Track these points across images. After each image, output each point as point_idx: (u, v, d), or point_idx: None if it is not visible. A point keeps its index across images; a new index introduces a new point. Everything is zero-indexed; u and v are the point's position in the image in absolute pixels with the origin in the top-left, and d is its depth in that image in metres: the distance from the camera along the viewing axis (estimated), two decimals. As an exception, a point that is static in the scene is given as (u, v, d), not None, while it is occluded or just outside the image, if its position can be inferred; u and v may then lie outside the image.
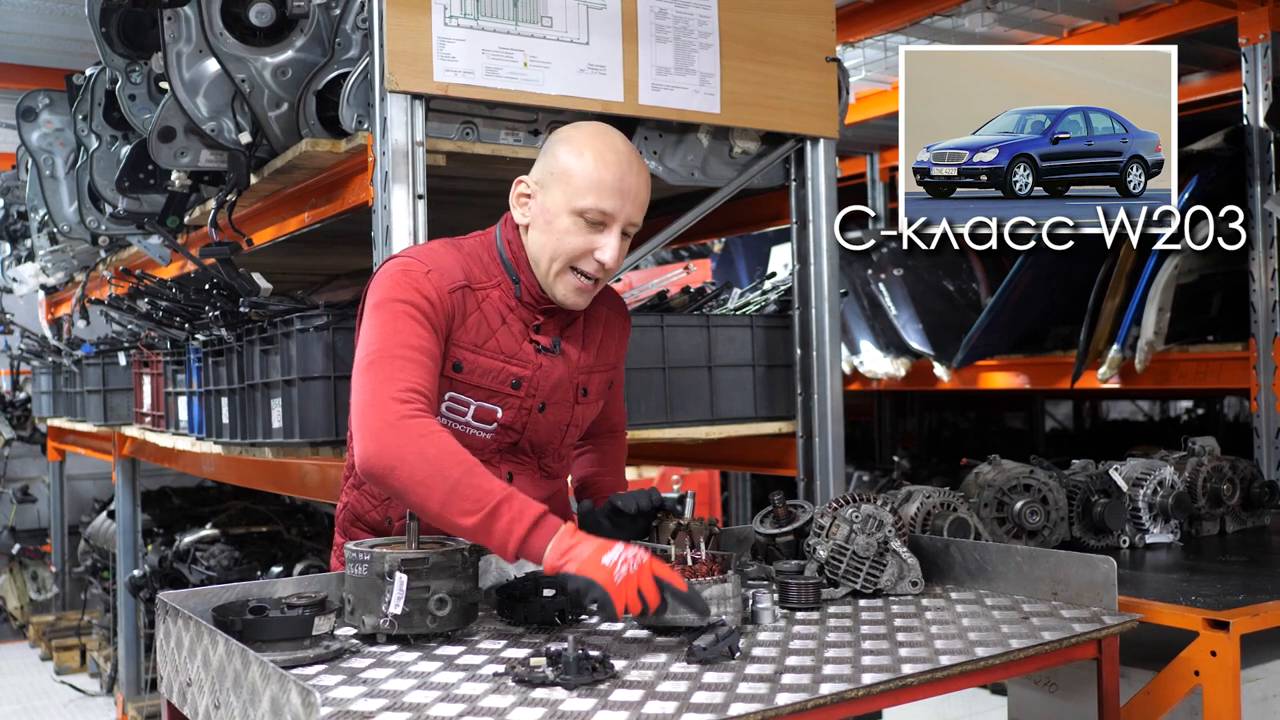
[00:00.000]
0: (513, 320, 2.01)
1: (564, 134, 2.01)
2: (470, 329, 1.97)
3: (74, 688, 5.95)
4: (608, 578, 1.66)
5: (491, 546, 1.75)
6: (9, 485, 7.93)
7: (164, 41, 2.78)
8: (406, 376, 1.83)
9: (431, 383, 1.87)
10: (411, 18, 2.45)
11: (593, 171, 1.93)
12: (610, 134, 2.00)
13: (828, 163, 3.08)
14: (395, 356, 1.84)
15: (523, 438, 2.06)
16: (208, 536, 5.06)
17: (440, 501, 1.74)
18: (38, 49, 4.85)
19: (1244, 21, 3.94)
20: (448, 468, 1.75)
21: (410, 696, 1.49)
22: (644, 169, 2.00)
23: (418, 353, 1.86)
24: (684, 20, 2.80)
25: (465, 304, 1.97)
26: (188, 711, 1.68)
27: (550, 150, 2.00)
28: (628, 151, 1.98)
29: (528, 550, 1.73)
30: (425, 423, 1.79)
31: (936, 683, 1.59)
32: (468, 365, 1.97)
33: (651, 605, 1.67)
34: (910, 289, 5.05)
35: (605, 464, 2.35)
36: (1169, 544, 2.61)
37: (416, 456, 1.75)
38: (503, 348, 1.99)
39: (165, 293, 3.42)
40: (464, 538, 1.79)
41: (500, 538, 1.72)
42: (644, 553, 1.70)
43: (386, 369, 1.83)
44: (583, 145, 1.96)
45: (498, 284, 2.01)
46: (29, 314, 7.17)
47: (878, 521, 2.06)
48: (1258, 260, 3.85)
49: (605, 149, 1.96)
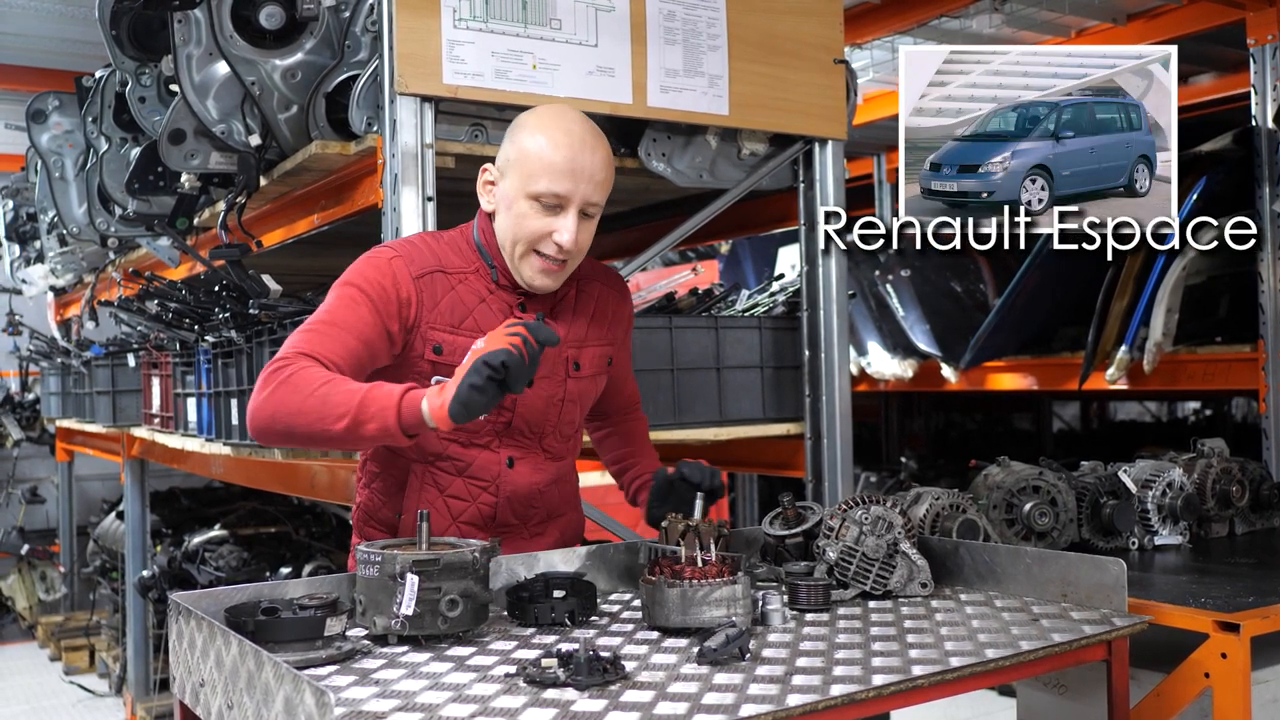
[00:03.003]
0: (493, 300, 2.05)
1: (521, 119, 2.03)
2: (444, 311, 2.00)
3: (83, 688, 5.97)
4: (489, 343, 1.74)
5: (373, 434, 1.78)
6: (18, 486, 7.96)
7: (174, 44, 2.79)
8: (306, 344, 1.86)
9: (340, 353, 1.88)
10: (421, 20, 2.46)
11: (545, 155, 1.95)
12: (565, 115, 2.01)
13: (836, 164, 3.08)
14: (307, 330, 1.90)
15: (515, 415, 2.06)
16: (216, 537, 5.07)
17: (317, 419, 1.77)
18: (48, 51, 4.86)
19: (1252, 22, 3.93)
20: (315, 389, 1.78)
21: (422, 697, 1.49)
22: (600, 147, 2.00)
23: (336, 328, 1.89)
24: (692, 22, 2.80)
25: (435, 287, 2.00)
26: (200, 712, 1.69)
27: (509, 136, 2.03)
28: (581, 132, 1.98)
29: (406, 417, 1.75)
30: (295, 365, 1.83)
31: (947, 684, 1.59)
32: (447, 345, 1.99)
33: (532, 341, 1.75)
34: (917, 290, 5.04)
35: (631, 443, 2.37)
36: (1178, 546, 2.60)
37: (287, 394, 1.80)
38: (481, 325, 2.00)
39: (174, 294, 3.43)
40: (351, 446, 1.83)
41: (379, 421, 1.75)
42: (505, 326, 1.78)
43: (293, 339, 1.88)
44: (536, 129, 1.98)
45: (475, 269, 2.05)
46: (38, 315, 7.19)
47: (887, 523, 2.06)
48: (1266, 261, 3.84)
49: (558, 131, 1.97)
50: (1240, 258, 3.96)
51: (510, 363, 1.72)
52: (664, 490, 2.11)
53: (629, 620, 1.92)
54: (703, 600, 1.77)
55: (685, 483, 2.10)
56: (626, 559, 2.20)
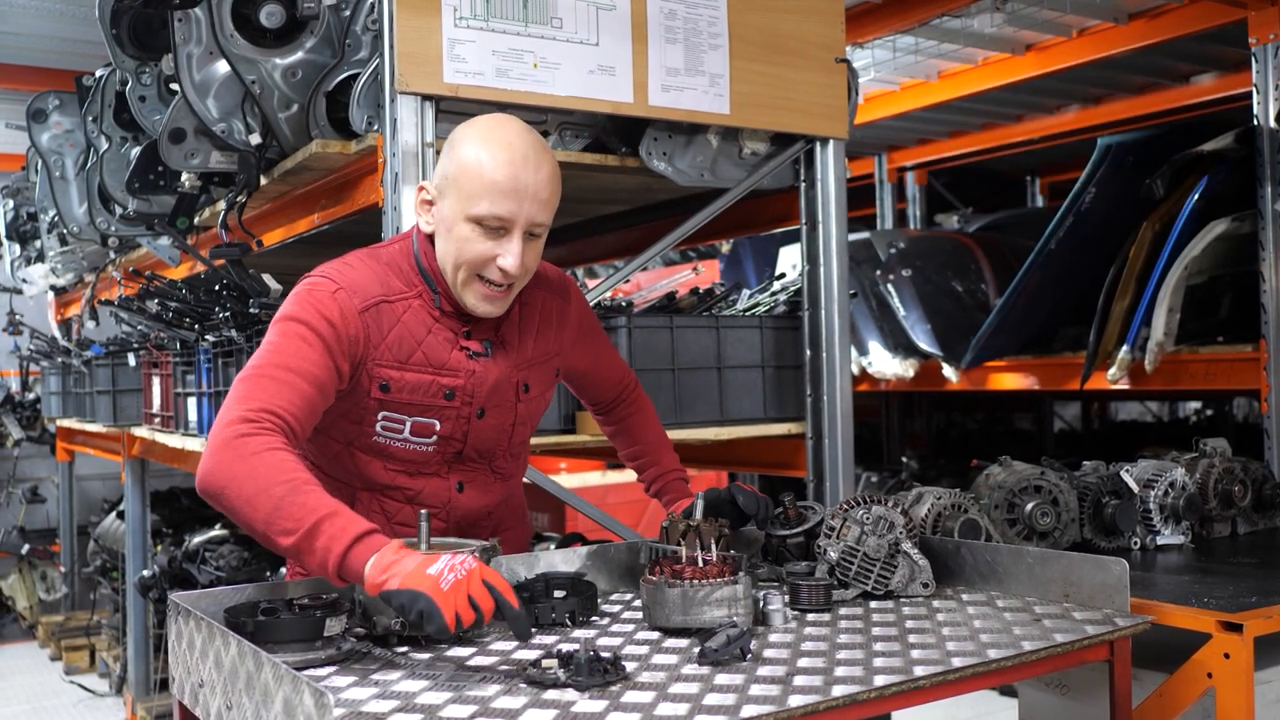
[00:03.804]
0: (438, 329, 1.93)
1: (458, 132, 1.90)
2: (392, 345, 1.88)
3: (83, 688, 5.96)
4: (433, 586, 1.54)
5: (312, 568, 1.64)
6: (18, 485, 7.95)
7: (174, 43, 2.79)
8: (267, 396, 1.73)
9: (299, 405, 1.76)
10: (422, 19, 2.46)
11: (485, 173, 1.81)
12: (505, 128, 1.87)
13: (837, 163, 3.08)
14: (263, 376, 1.76)
15: (466, 445, 2.00)
16: (217, 537, 5.06)
17: (265, 520, 1.62)
18: (48, 51, 4.87)
19: (1254, 22, 3.93)
20: (274, 485, 1.63)
21: (422, 698, 1.49)
22: (545, 162, 1.86)
23: (292, 374, 1.76)
24: (693, 21, 2.80)
25: (381, 321, 1.88)
26: (200, 713, 1.68)
27: (445, 151, 1.89)
28: (524, 146, 1.84)
29: (347, 569, 1.60)
30: (263, 440, 1.67)
31: (949, 684, 1.59)
32: (395, 383, 1.89)
33: (486, 612, 1.57)
34: (919, 290, 5.04)
35: (642, 438, 2.32)
36: (1180, 546, 2.60)
37: (246, 475, 1.64)
38: (430, 359, 1.91)
39: (175, 294, 3.43)
40: (293, 561, 1.67)
41: (320, 557, 1.60)
42: (473, 559, 1.60)
43: (250, 387, 1.74)
44: (474, 143, 1.84)
45: (419, 293, 1.92)
46: (38, 315, 7.19)
47: (888, 523, 2.05)
48: (1268, 261, 3.84)
49: (497, 146, 1.83)
50: (1242, 257, 3.96)
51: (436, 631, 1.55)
52: (714, 512, 2.07)
53: (630, 620, 1.92)
54: (704, 600, 1.77)
55: (737, 510, 2.11)
56: (627, 559, 2.20)
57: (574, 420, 2.94)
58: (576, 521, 6.03)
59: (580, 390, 2.34)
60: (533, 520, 6.67)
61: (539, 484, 2.82)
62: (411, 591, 1.55)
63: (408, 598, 1.55)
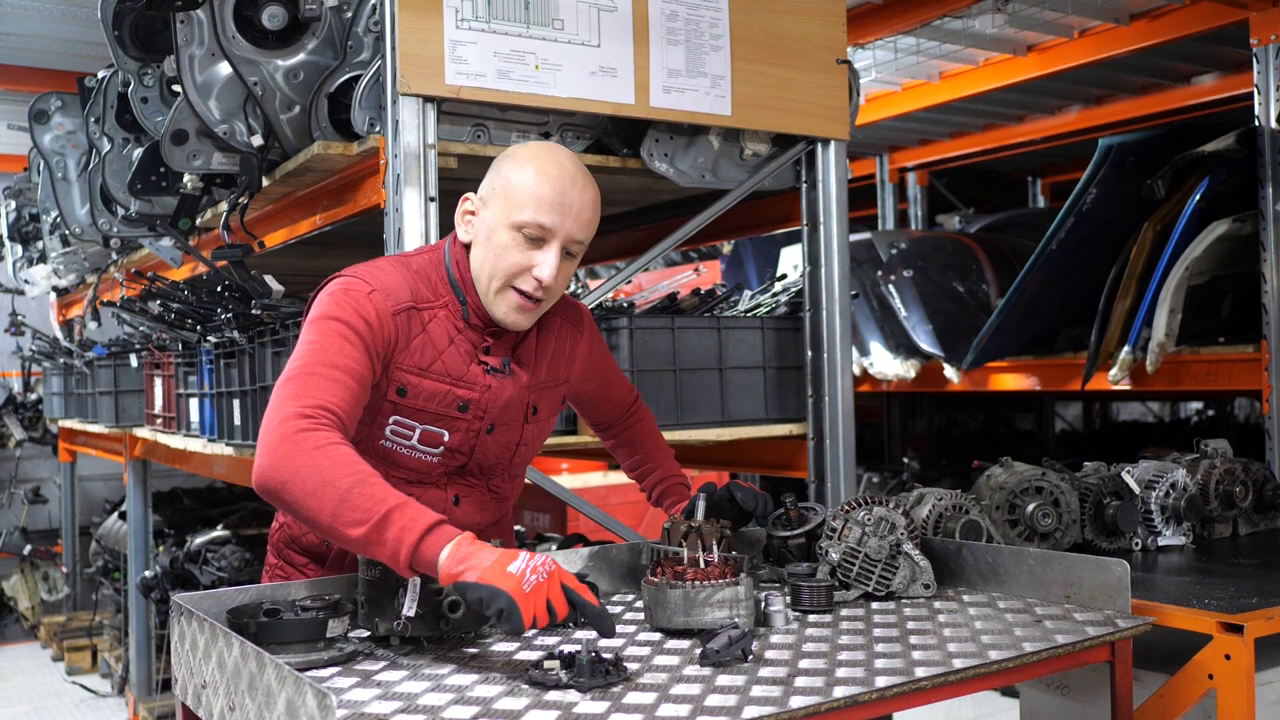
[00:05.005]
0: (460, 341, 1.95)
1: (510, 151, 1.97)
2: (415, 352, 1.91)
3: (85, 688, 5.97)
4: (516, 586, 1.55)
5: (384, 559, 1.63)
6: (20, 486, 7.96)
7: (176, 44, 2.79)
8: (319, 393, 1.74)
9: (349, 402, 1.78)
10: (423, 21, 2.46)
11: (533, 185, 1.88)
12: (556, 150, 1.95)
13: (838, 164, 3.08)
14: (313, 374, 1.77)
15: (471, 460, 2.01)
16: (219, 538, 5.07)
17: (331, 513, 1.63)
18: (50, 52, 4.87)
19: (1255, 22, 3.93)
20: (339, 478, 1.64)
21: (424, 699, 1.49)
22: (590, 187, 1.93)
23: (340, 371, 1.78)
24: (695, 22, 2.80)
25: (410, 326, 1.91)
26: (202, 713, 1.68)
27: (495, 167, 1.96)
28: (573, 169, 1.92)
29: (420, 559, 1.60)
30: (323, 435, 1.69)
31: (950, 685, 1.59)
32: (412, 389, 1.92)
33: (560, 616, 1.59)
34: (920, 290, 5.04)
35: (643, 447, 2.35)
36: (1181, 546, 2.60)
37: (309, 469, 1.65)
38: (449, 370, 1.93)
39: (177, 295, 3.43)
40: (359, 553, 1.69)
41: (391, 547, 1.61)
42: (552, 561, 1.61)
43: (301, 385, 1.76)
44: (525, 160, 1.91)
45: (445, 304, 1.95)
46: (41, 316, 7.21)
47: (890, 524, 2.05)
48: (1269, 262, 3.84)
49: (548, 164, 1.90)
50: (1243, 258, 3.96)
51: (511, 630, 1.57)
52: (714, 510, 2.08)
53: (631, 621, 1.92)
54: (705, 602, 1.77)
55: (737, 507, 2.11)
56: (629, 560, 2.20)
57: (575, 421, 2.94)
58: (578, 522, 6.04)
59: (584, 412, 2.36)
60: (534, 521, 6.68)
61: (540, 484, 2.82)
62: (491, 588, 1.56)
63: (487, 593, 1.55)
